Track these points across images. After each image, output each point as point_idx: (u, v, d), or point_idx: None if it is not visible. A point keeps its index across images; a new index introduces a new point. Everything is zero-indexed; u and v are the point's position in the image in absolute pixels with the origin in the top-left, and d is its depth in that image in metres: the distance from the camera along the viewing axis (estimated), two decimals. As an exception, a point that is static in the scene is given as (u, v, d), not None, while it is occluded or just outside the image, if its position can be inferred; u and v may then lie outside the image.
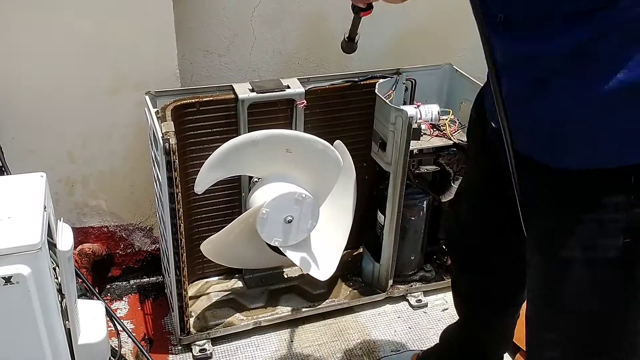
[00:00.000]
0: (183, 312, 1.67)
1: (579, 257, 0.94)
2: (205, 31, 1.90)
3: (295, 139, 1.55)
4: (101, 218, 1.89)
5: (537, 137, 0.96)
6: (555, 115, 0.91)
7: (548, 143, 0.95)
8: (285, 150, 1.52)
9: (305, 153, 1.54)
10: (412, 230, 1.90)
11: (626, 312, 0.97)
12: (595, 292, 0.96)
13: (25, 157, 1.66)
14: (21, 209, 1.15)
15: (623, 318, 0.97)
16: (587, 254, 0.93)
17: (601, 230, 0.91)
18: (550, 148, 0.95)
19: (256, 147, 1.51)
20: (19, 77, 1.61)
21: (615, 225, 0.90)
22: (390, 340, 1.84)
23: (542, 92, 0.92)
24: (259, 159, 1.54)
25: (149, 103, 1.57)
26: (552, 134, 0.94)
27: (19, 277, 1.07)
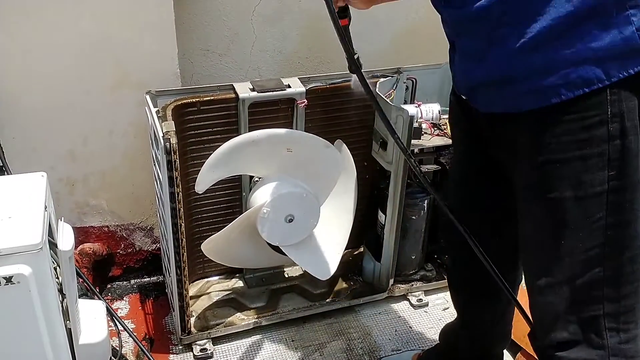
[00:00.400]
0: (184, 312, 1.67)
1: (569, 197, 0.97)
2: (206, 30, 1.90)
3: (296, 138, 1.55)
4: (102, 217, 1.89)
5: (498, 90, 1.01)
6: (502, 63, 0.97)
7: (507, 92, 0.99)
8: (285, 150, 1.52)
9: (306, 152, 1.53)
10: (412, 230, 1.89)
11: (618, 245, 0.99)
12: (591, 231, 0.98)
13: (26, 156, 1.65)
14: (22, 209, 1.15)
15: (617, 250, 0.99)
16: (577, 192, 0.96)
17: (586, 167, 0.95)
18: (513, 95, 0.99)
19: (257, 147, 1.51)
20: (20, 76, 1.61)
21: (598, 159, 0.94)
22: (391, 340, 1.84)
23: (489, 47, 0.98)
24: (259, 158, 1.54)
25: (149, 102, 1.57)
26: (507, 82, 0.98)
27: (19, 277, 1.07)
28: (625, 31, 0.89)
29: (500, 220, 1.24)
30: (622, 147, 0.93)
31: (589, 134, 0.94)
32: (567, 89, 0.92)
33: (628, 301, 1.02)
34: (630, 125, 0.93)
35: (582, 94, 0.92)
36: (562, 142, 0.95)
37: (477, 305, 1.45)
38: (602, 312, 1.02)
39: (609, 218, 0.97)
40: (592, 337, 1.03)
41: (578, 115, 0.93)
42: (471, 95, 1.11)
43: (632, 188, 0.96)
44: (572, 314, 1.04)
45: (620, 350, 1.03)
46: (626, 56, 0.90)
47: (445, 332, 1.60)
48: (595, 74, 0.91)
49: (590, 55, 0.90)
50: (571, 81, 0.92)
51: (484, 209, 1.28)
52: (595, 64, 0.90)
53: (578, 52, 0.91)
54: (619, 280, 1.01)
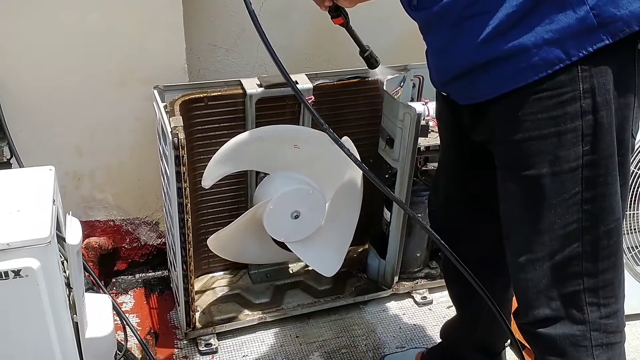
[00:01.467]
0: (189, 307, 1.67)
1: (545, 173, 0.99)
2: (213, 25, 1.90)
3: (303, 134, 1.55)
4: (107, 212, 1.89)
5: (470, 81, 1.04)
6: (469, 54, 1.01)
7: (478, 81, 1.02)
8: (293, 146, 1.52)
9: (313, 149, 1.53)
10: (418, 227, 1.89)
11: (594, 219, 1.01)
12: (569, 206, 1.00)
13: (32, 150, 1.65)
14: (30, 203, 1.15)
15: (593, 225, 1.01)
16: (553, 168, 0.99)
17: (561, 142, 0.97)
18: (484, 84, 1.02)
19: (264, 143, 1.51)
20: (27, 71, 1.61)
21: (572, 135, 0.97)
22: (395, 337, 1.85)
23: (455, 40, 1.02)
24: (266, 154, 1.54)
25: (157, 97, 1.57)
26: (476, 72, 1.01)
27: (28, 271, 1.07)
28: (579, 11, 0.92)
29: (490, 206, 1.25)
30: (595, 122, 0.96)
31: (563, 110, 0.96)
32: (532, 72, 0.96)
33: (606, 275, 1.03)
34: (601, 101, 0.95)
35: (546, 75, 0.95)
36: (537, 119, 0.98)
37: (472, 297, 1.45)
38: (582, 287, 1.03)
39: (584, 193, 0.99)
40: (573, 313, 1.05)
41: (551, 92, 0.96)
42: (447, 90, 1.15)
43: (606, 162, 0.98)
44: (553, 290, 1.05)
45: (601, 325, 1.04)
46: (583, 35, 0.93)
47: (445, 329, 1.61)
48: (555, 55, 0.94)
49: (549, 37, 0.93)
50: (535, 64, 0.95)
51: (473, 197, 1.30)
52: (554, 45, 0.93)
53: (538, 35, 0.94)
54: (596, 254, 1.02)
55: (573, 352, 1.05)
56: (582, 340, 1.04)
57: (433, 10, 1.02)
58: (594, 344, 1.04)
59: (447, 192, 1.35)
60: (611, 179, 0.99)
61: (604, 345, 1.04)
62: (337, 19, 1.45)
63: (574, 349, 1.04)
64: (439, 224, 1.44)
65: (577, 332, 1.04)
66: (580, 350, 1.05)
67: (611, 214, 1.01)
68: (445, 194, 1.34)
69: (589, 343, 1.04)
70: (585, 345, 1.04)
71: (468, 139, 1.18)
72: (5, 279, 1.06)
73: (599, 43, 0.92)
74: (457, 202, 1.31)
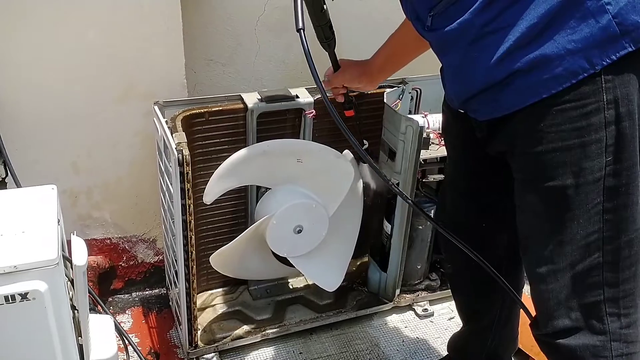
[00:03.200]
0: (192, 325, 1.64)
1: (569, 184, 0.99)
2: (209, 40, 1.89)
3: (307, 149, 1.54)
4: (104, 230, 1.86)
5: (491, 97, 1.04)
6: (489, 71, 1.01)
7: (500, 96, 1.02)
8: (296, 160, 1.51)
9: (317, 163, 1.53)
10: (419, 239, 1.89)
11: (615, 229, 1.01)
12: (591, 216, 1.00)
13: (28, 168, 1.62)
14: (35, 223, 1.12)
15: (614, 235, 1.01)
16: (577, 179, 0.99)
17: (585, 153, 0.97)
18: (506, 98, 1.02)
19: (267, 157, 1.50)
20: (24, 87, 1.58)
21: (596, 146, 0.97)
22: (398, 351, 1.83)
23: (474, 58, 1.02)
24: (269, 168, 1.53)
25: (158, 113, 1.55)
26: (498, 87, 1.01)
27: (35, 294, 1.04)
28: (602, 20, 0.93)
29: (501, 218, 1.26)
30: (617, 133, 0.96)
31: (587, 121, 0.96)
32: (555, 82, 0.96)
33: (627, 285, 1.04)
34: (624, 111, 0.96)
35: (569, 85, 0.95)
36: (561, 130, 0.98)
37: (481, 308, 1.46)
38: (603, 298, 1.04)
39: (606, 203, 0.99)
40: (593, 323, 1.05)
41: (575, 103, 0.96)
42: (467, 108, 1.14)
43: (627, 172, 0.99)
44: (573, 300, 1.05)
45: (621, 335, 1.05)
46: (606, 44, 0.93)
47: (454, 342, 1.60)
48: (579, 65, 0.94)
49: (572, 47, 0.94)
50: (558, 74, 0.95)
51: (483, 209, 1.31)
52: (578, 55, 0.94)
53: (560, 45, 0.94)
54: (617, 264, 1.03)
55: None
56: (603, 350, 1.04)
57: (449, 28, 1.02)
58: (615, 354, 1.04)
59: (456, 205, 1.35)
60: (632, 188, 1.00)
61: (624, 355, 1.04)
62: (349, 110, 1.49)
63: (595, 359, 1.04)
64: (450, 245, 1.43)
65: (598, 342, 1.04)
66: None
67: (632, 224, 1.01)
68: (454, 207, 1.34)
69: (610, 353, 1.04)
70: (606, 355, 1.04)
71: (480, 151, 1.18)
72: (12, 302, 1.03)
73: (622, 51, 0.93)
74: (467, 215, 1.31)
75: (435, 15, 1.05)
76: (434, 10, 1.05)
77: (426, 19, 1.08)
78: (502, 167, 1.14)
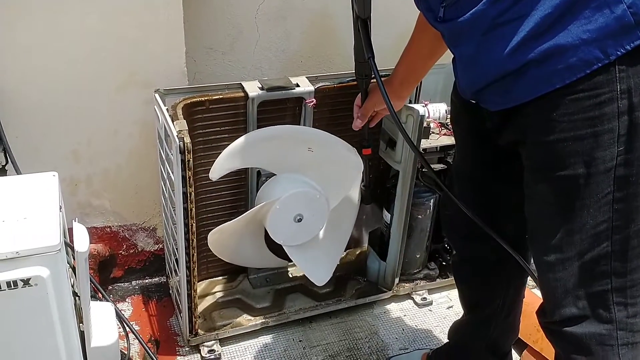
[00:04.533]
0: (192, 313, 1.65)
1: (581, 174, 0.99)
2: (209, 28, 1.88)
3: (319, 138, 1.53)
4: (104, 218, 1.86)
5: (503, 87, 1.03)
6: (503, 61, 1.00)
7: (512, 86, 1.01)
8: (307, 149, 1.50)
9: (327, 154, 1.52)
10: (418, 229, 1.90)
11: (625, 219, 1.01)
12: (601, 206, 1.00)
13: (28, 155, 1.61)
14: (36, 210, 1.13)
15: (623, 224, 1.01)
16: (589, 169, 0.98)
17: (597, 143, 0.97)
18: (518, 88, 1.01)
19: (279, 142, 1.49)
20: (24, 75, 1.57)
21: (609, 135, 0.96)
22: (397, 339, 1.85)
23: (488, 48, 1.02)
24: (279, 153, 1.52)
25: (159, 101, 1.54)
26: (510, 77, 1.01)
27: (37, 279, 1.04)
28: (617, 10, 0.92)
29: (510, 208, 1.26)
30: (630, 123, 0.96)
31: (600, 111, 0.96)
32: (570, 73, 0.95)
33: (635, 275, 1.04)
34: (637, 101, 0.95)
35: (583, 75, 0.95)
36: (573, 120, 0.98)
37: (484, 299, 1.46)
38: (610, 287, 1.04)
39: (616, 193, 0.99)
40: (600, 312, 1.05)
41: (589, 93, 0.96)
42: (479, 98, 1.13)
43: (639, 162, 0.99)
44: (580, 289, 1.06)
45: (628, 324, 1.05)
46: (620, 33, 0.93)
47: (455, 330, 1.61)
48: (593, 55, 0.93)
49: (587, 37, 0.93)
50: (572, 64, 0.95)
51: (492, 199, 1.30)
52: (592, 44, 0.93)
53: (575, 35, 0.93)
54: (625, 254, 1.03)
55: (599, 350, 1.05)
56: (608, 339, 1.04)
57: (462, 19, 1.02)
58: (620, 343, 1.04)
59: (464, 195, 1.33)
60: None
61: (630, 344, 1.05)
62: (367, 149, 1.51)
63: (600, 347, 1.05)
64: (454, 227, 1.44)
65: (604, 331, 1.05)
66: (606, 349, 1.05)
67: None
68: (462, 197, 1.32)
69: (615, 342, 1.04)
70: (612, 344, 1.04)
71: (490, 141, 1.18)
72: (14, 288, 1.03)
73: (637, 41, 0.92)
74: (475, 205, 1.29)
75: (447, 6, 1.05)
76: (446, 1, 1.05)
77: (438, 10, 1.07)
78: (511, 157, 1.13)
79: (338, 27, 2.01)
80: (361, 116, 1.47)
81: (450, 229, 1.50)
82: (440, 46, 1.22)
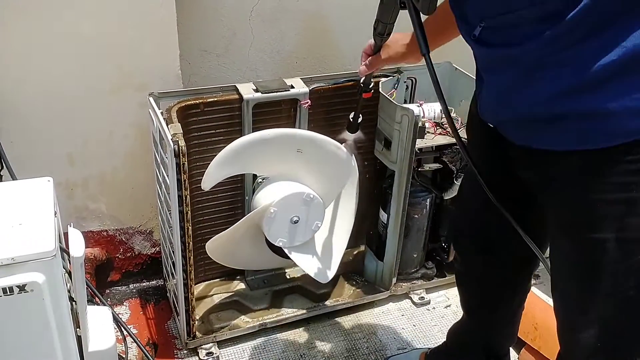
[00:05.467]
0: (189, 316, 1.65)
1: (610, 238, 0.96)
2: (203, 30, 1.88)
3: (308, 139, 1.53)
4: (101, 222, 1.86)
5: (533, 128, 0.99)
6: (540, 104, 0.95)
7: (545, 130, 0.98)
8: (296, 150, 1.51)
9: (316, 153, 1.52)
10: (415, 228, 1.90)
11: None
12: (630, 272, 0.97)
13: (23, 160, 1.61)
14: (32, 215, 1.13)
15: None
16: (619, 234, 0.95)
17: (631, 210, 0.94)
18: (552, 135, 0.97)
19: (267, 146, 1.49)
20: (19, 79, 1.57)
21: None
22: (395, 339, 1.85)
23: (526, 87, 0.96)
24: (269, 157, 1.52)
25: (153, 104, 1.54)
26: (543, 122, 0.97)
27: (33, 285, 1.05)
28: None
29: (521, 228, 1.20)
30: None
31: (636, 177, 0.93)
32: (609, 137, 0.91)
33: None
34: None
35: (623, 142, 0.91)
36: (608, 183, 0.94)
37: (490, 310, 1.45)
38: (635, 355, 1.03)
39: None
40: None
41: (627, 158, 0.92)
42: (501, 127, 1.09)
43: None
44: (603, 354, 1.04)
45: None
46: None
47: (455, 332, 1.61)
48: (636, 126, 0.90)
49: (633, 106, 0.89)
50: (613, 130, 0.91)
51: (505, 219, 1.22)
52: (637, 115, 0.89)
53: (621, 102, 0.89)
54: None
55: None
56: None
57: (504, 52, 0.96)
58: None
59: (476, 212, 1.29)
60: None
61: None
62: (367, 92, 1.47)
63: None
64: (464, 245, 1.42)
65: None
66: None
67: None
68: (475, 214, 1.29)
69: None
70: None
71: (504, 162, 1.12)
72: (10, 294, 1.04)
73: None
74: (487, 223, 1.25)
75: (487, 28, 0.98)
76: (485, 21, 0.98)
77: (475, 26, 1.00)
78: (527, 189, 1.10)
79: (332, 27, 2.01)
80: (369, 65, 1.38)
81: (460, 242, 1.46)
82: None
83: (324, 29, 2.01)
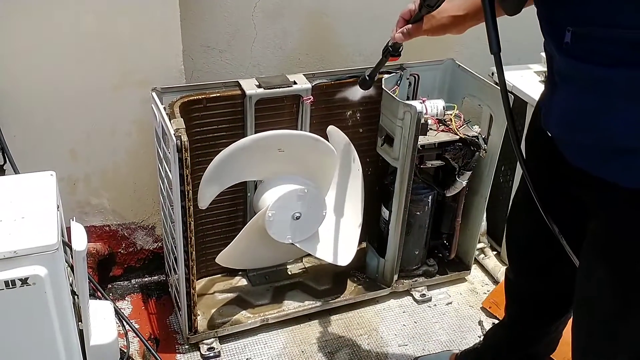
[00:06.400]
0: (191, 311, 1.65)
1: None
2: (206, 26, 1.88)
3: (285, 138, 1.55)
4: (103, 217, 1.86)
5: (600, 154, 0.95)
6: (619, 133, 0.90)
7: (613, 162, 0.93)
8: (277, 151, 1.53)
9: (297, 149, 1.55)
10: (417, 225, 1.90)
11: None
12: None
13: (26, 155, 1.61)
14: (34, 209, 1.13)
15: None
16: None
17: None
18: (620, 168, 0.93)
19: (247, 153, 1.52)
20: (22, 74, 1.57)
21: None
22: (397, 335, 1.85)
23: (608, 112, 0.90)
24: (253, 163, 1.56)
25: (157, 100, 1.54)
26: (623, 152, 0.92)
27: (35, 279, 1.05)
28: None
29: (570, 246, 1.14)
30: None
31: None
32: None
33: None
34: None
35: None
36: None
37: (538, 324, 1.44)
38: None
39: None
40: None
41: None
42: (563, 142, 1.03)
43: None
44: None
45: None
46: None
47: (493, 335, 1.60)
48: None
49: None
50: None
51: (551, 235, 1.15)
52: None
53: None
54: None
55: None
56: None
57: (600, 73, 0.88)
58: None
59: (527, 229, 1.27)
60: None
61: None
62: (395, 57, 1.44)
63: None
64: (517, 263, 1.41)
65: None
66: None
67: None
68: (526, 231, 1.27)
69: None
70: None
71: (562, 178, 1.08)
72: (12, 287, 1.04)
73: None
74: (537, 241, 1.23)
75: (577, 35, 0.89)
76: (574, 27, 0.88)
77: (564, 31, 0.90)
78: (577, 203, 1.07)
79: (335, 24, 2.01)
80: (407, 34, 1.30)
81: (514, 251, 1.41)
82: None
83: (327, 26, 2.01)
